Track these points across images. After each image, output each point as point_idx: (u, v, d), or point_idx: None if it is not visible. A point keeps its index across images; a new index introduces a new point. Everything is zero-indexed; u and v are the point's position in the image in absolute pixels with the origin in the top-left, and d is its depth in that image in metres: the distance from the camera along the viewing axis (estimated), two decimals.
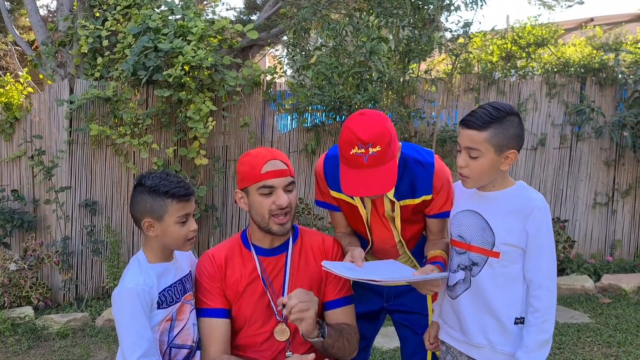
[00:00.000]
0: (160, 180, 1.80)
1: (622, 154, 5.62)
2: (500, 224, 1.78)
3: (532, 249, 1.75)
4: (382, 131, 1.72)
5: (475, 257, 1.82)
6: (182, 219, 1.81)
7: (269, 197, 1.85)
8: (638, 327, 4.20)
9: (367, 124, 1.72)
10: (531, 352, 1.72)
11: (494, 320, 1.80)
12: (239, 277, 1.92)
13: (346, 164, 1.78)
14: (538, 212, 1.75)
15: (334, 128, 5.13)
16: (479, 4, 4.95)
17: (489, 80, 5.50)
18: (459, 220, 1.90)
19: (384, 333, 3.85)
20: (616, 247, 5.69)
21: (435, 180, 1.91)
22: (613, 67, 5.54)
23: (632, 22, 7.88)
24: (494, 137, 1.72)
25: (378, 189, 1.75)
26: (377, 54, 4.65)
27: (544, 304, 1.73)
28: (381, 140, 1.71)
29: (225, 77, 4.62)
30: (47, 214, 4.71)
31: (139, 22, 4.76)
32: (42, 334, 4.08)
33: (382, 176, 1.75)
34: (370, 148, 1.71)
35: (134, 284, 1.76)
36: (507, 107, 1.75)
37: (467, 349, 1.88)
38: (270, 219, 1.86)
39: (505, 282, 1.79)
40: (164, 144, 4.83)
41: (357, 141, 1.71)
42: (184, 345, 1.87)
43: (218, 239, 5.01)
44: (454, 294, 1.90)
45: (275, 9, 6.52)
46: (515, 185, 1.84)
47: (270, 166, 1.84)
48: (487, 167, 1.75)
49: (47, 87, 4.77)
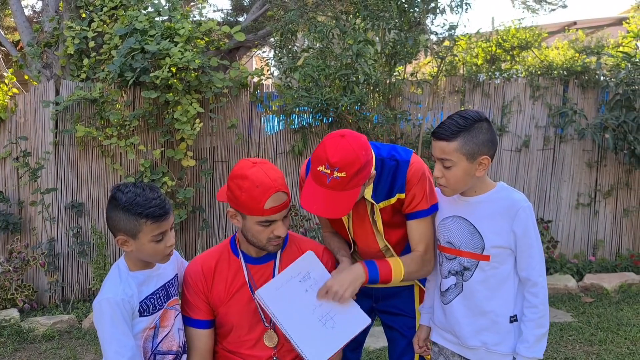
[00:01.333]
0: (135, 197, 1.71)
1: (604, 156, 5.72)
2: (488, 227, 1.81)
3: (523, 249, 1.80)
4: (353, 159, 1.70)
5: (466, 262, 1.85)
6: (158, 237, 1.74)
7: (268, 227, 1.81)
8: (619, 325, 4.28)
9: (341, 148, 1.71)
10: (532, 346, 1.78)
11: (489, 322, 1.84)
12: (226, 284, 1.92)
13: (311, 176, 1.79)
14: (523, 213, 1.79)
15: (320, 130, 5.16)
16: (464, 8, 5.01)
17: (474, 83, 5.57)
18: (445, 226, 1.92)
19: (371, 333, 3.85)
20: (598, 247, 5.79)
21: (407, 176, 1.90)
22: (595, 70, 5.64)
23: (613, 26, 8.01)
24: (464, 146, 1.75)
25: (329, 212, 1.76)
26: (364, 57, 4.69)
27: (540, 299, 1.80)
28: (348, 168, 1.70)
29: (213, 79, 4.63)
30: (33, 216, 4.68)
31: (125, 24, 4.76)
32: (27, 337, 4.06)
33: (338, 201, 1.74)
34: (336, 172, 1.70)
35: (112, 293, 1.73)
36: (475, 115, 1.78)
37: (462, 351, 1.92)
38: (268, 243, 1.85)
39: (497, 282, 1.83)
40: (151, 145, 4.83)
41: (325, 161, 1.71)
42: (169, 351, 1.85)
43: (205, 241, 5.02)
44: (446, 299, 1.92)
45: (263, 11, 6.54)
46: (496, 188, 1.87)
47: (273, 202, 1.76)
48: (461, 175, 1.79)
49: (33, 88, 4.74)
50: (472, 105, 5.56)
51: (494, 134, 1.81)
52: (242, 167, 1.80)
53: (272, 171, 1.79)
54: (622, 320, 4.37)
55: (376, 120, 5.03)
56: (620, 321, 4.36)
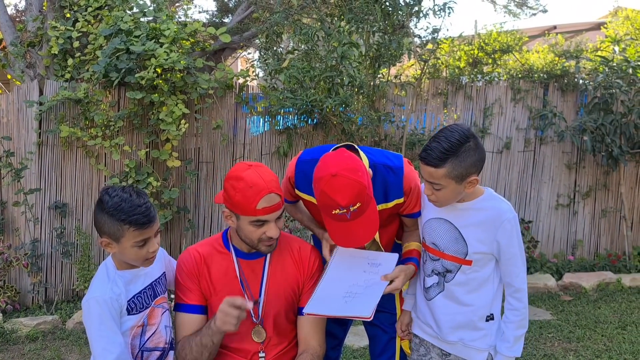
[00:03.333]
0: (121, 202, 1.72)
1: (582, 158, 5.85)
2: (472, 234, 1.86)
3: (507, 257, 1.86)
4: (359, 190, 1.72)
5: (449, 265, 1.91)
6: (140, 243, 1.76)
7: (260, 228, 1.85)
8: (596, 323, 4.39)
9: (342, 187, 1.70)
10: (512, 346, 1.88)
11: (467, 320, 1.91)
12: (217, 276, 1.96)
13: (329, 218, 1.81)
14: (508, 224, 1.84)
15: (305, 131, 5.20)
16: (447, 11, 5.08)
17: (456, 85, 5.65)
18: (431, 227, 1.96)
19: (354, 332, 3.94)
20: (577, 247, 5.91)
21: (405, 184, 1.99)
22: (574, 74, 5.76)
23: (592, 31, 8.18)
24: (452, 171, 1.76)
25: (364, 239, 1.82)
26: (348, 59, 4.74)
27: (522, 304, 1.88)
28: (359, 198, 1.73)
29: (198, 80, 4.64)
30: (16, 216, 4.65)
31: (110, 24, 4.75)
32: (10, 338, 4.03)
33: (366, 224, 1.80)
34: (351, 207, 1.73)
35: (100, 292, 1.76)
36: (461, 136, 1.76)
37: (440, 344, 1.99)
38: (260, 243, 1.89)
39: (477, 284, 1.89)
40: (135, 145, 4.83)
41: (337, 206, 1.73)
42: (155, 347, 1.88)
43: (190, 241, 5.02)
44: (428, 296, 1.99)
45: (248, 13, 6.57)
46: (484, 195, 1.91)
47: (265, 202, 1.80)
48: (451, 195, 1.83)
49: (16, 88, 4.71)
50: (454, 108, 5.65)
51: (482, 151, 1.81)
52: (238, 169, 1.85)
53: (266, 174, 1.84)
54: (600, 318, 4.48)
55: (360, 121, 5.09)
56: (598, 319, 4.47)
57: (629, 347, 3.92)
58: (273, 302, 1.97)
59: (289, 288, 1.99)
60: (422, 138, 5.35)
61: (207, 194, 5.14)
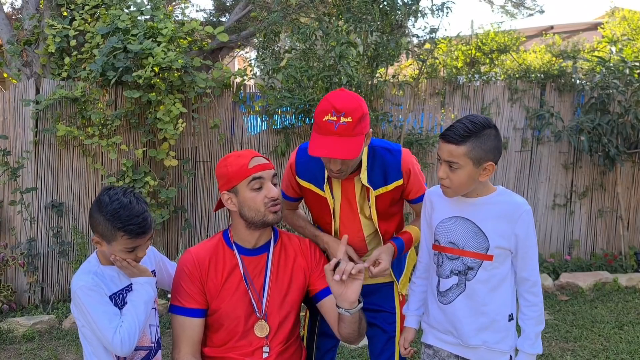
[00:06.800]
0: (119, 209, 1.73)
1: (579, 158, 5.87)
2: (492, 228, 1.85)
3: (524, 250, 1.85)
4: (356, 106, 1.85)
5: (470, 262, 1.88)
6: (130, 249, 1.79)
7: (260, 191, 1.91)
8: (593, 323, 4.40)
9: (344, 97, 1.86)
10: (534, 342, 1.86)
11: (489, 320, 1.87)
12: (221, 275, 1.96)
13: (317, 131, 1.89)
14: (526, 216, 1.84)
15: (303, 130, 5.20)
16: (445, 11, 5.08)
17: (454, 85, 5.66)
18: (446, 227, 1.93)
19: None
20: (574, 247, 5.93)
21: (403, 165, 2.04)
22: (571, 74, 5.78)
23: (589, 31, 8.20)
24: (472, 151, 1.77)
25: (340, 154, 1.84)
26: (346, 59, 4.74)
27: (539, 298, 1.88)
28: (353, 113, 1.83)
29: (195, 79, 4.63)
30: (12, 216, 4.63)
31: (107, 23, 4.73)
32: (7, 337, 4.02)
33: (347, 145, 1.85)
34: (342, 117, 1.83)
35: (84, 281, 1.78)
36: (484, 121, 1.80)
37: (462, 351, 1.92)
38: (267, 211, 1.93)
39: (497, 282, 1.87)
40: (133, 145, 4.81)
41: (331, 108, 1.83)
42: (141, 347, 1.88)
43: (187, 240, 5.02)
44: (446, 300, 1.92)
45: (246, 12, 6.55)
46: (497, 191, 1.90)
47: (255, 161, 1.92)
48: (465, 178, 1.81)
49: (12, 87, 4.69)
50: (452, 107, 5.65)
51: (500, 142, 1.84)
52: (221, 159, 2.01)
53: (249, 150, 2.01)
54: (596, 318, 4.50)
55: None
56: (595, 319, 4.48)
57: (626, 347, 3.93)
58: (276, 297, 1.98)
59: (293, 281, 2.01)
60: (419, 138, 5.36)
61: (205, 194, 5.14)
